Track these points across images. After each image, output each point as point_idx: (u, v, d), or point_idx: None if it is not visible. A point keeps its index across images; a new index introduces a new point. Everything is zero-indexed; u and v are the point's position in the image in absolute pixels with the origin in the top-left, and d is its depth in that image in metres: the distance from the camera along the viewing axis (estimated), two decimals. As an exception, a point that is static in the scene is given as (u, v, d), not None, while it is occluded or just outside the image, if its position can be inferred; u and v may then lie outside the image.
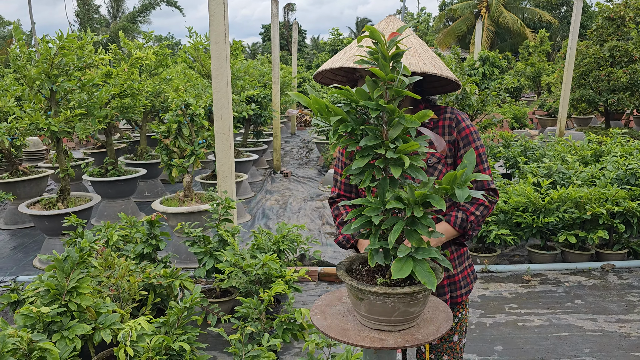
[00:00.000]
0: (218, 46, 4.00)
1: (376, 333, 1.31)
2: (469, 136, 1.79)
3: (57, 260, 2.76)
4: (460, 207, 1.79)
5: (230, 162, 4.29)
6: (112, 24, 27.23)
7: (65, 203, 5.22)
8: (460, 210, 1.77)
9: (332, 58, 1.73)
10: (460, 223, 1.74)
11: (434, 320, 1.37)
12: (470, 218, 1.75)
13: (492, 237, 4.79)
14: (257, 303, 3.22)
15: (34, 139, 9.86)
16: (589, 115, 13.93)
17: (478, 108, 5.79)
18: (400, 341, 1.26)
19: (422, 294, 1.28)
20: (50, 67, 4.63)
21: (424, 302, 1.32)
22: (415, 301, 1.27)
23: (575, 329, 3.77)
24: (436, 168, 1.76)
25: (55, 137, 4.93)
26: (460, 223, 1.74)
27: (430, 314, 1.41)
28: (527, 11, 30.73)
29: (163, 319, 2.81)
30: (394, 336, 1.29)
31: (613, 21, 11.22)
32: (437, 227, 1.74)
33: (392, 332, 1.31)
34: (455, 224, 1.74)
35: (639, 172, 5.15)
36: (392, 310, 1.27)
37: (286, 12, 40.16)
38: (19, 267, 5.18)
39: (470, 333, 3.75)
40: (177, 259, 5.15)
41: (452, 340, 1.92)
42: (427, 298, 1.32)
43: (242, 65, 8.11)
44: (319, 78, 1.83)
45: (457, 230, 1.75)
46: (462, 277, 1.89)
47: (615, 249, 5.02)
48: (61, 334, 2.57)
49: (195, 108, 5.25)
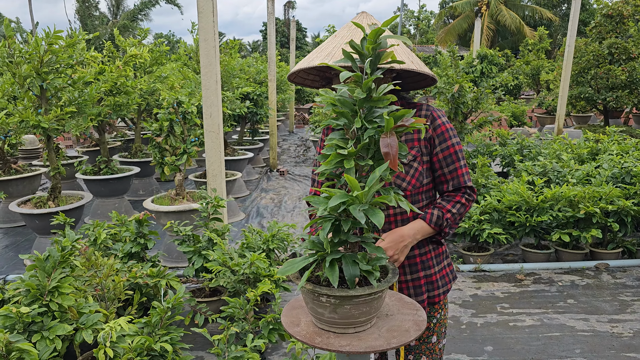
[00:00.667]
0: (207, 43, 3.96)
1: (347, 338, 1.27)
2: (444, 133, 1.75)
3: (38, 260, 2.73)
4: (436, 205, 1.77)
5: (220, 161, 4.25)
6: (111, 23, 27.23)
7: (56, 202, 5.19)
8: (436, 208, 1.75)
9: (308, 57, 1.70)
10: (436, 220, 1.72)
11: (400, 326, 1.34)
12: (446, 215, 1.73)
13: (484, 236, 4.75)
14: (243, 303, 3.19)
15: (30, 137, 9.83)
16: (588, 113, 13.88)
17: (472, 106, 5.74)
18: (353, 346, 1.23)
19: (364, 298, 1.24)
20: (40, 64, 4.60)
21: (371, 304, 1.27)
22: (359, 304, 1.24)
23: (566, 329, 3.73)
24: (412, 166, 1.73)
25: (46, 135, 4.90)
26: (436, 220, 1.72)
27: (399, 316, 1.37)
28: (527, 9, 30.65)
29: (146, 319, 2.78)
30: (342, 339, 1.25)
31: (612, 18, 11.17)
32: (413, 224, 1.72)
33: (345, 335, 1.27)
34: (431, 221, 1.72)
35: (634, 171, 5.11)
36: (331, 311, 1.24)
37: (286, 9, 40.10)
38: (9, 265, 5.15)
39: (460, 333, 3.72)
40: (169, 258, 5.12)
41: (431, 342, 1.89)
42: (375, 301, 1.28)
43: (238, 63, 8.06)
44: (293, 78, 1.80)
45: (433, 228, 1.73)
46: (440, 277, 1.86)
47: (609, 248, 4.98)
48: (41, 335, 2.54)
49: (187, 106, 5.21)
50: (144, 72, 7.46)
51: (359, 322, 1.26)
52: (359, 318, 1.25)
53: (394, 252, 1.65)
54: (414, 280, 1.81)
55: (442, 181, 1.79)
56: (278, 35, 33.32)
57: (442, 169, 1.77)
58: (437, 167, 1.78)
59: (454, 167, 1.77)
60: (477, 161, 5.66)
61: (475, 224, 4.86)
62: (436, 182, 1.82)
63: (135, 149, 7.72)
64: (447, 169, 1.77)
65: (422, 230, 1.71)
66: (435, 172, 1.79)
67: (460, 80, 5.65)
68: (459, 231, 4.94)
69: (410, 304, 1.44)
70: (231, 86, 7.77)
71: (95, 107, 5.21)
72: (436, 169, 1.78)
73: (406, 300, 1.47)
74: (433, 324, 1.88)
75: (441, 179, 1.79)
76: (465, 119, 5.86)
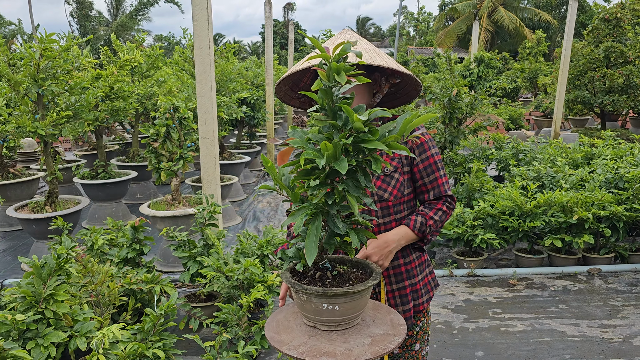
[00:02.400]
0: (202, 51, 4.01)
1: (330, 346, 1.31)
2: (424, 144, 1.82)
3: (35, 267, 2.77)
4: (419, 212, 1.82)
5: (215, 167, 4.30)
6: (113, 24, 27.26)
7: (53, 206, 5.23)
8: (419, 215, 1.80)
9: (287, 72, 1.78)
10: (420, 227, 1.77)
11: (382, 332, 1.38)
12: (429, 222, 1.78)
13: (478, 241, 4.79)
14: (236, 309, 3.23)
15: (28, 140, 9.87)
16: (585, 117, 13.92)
17: (467, 111, 5.79)
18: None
19: (345, 297, 1.30)
20: (36, 70, 4.64)
21: (348, 305, 1.33)
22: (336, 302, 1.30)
23: (557, 334, 3.77)
24: (393, 177, 1.78)
25: (43, 141, 4.94)
26: (420, 227, 1.77)
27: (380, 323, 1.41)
28: (526, 11, 30.72)
29: (139, 325, 2.82)
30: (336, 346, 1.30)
31: (609, 22, 11.21)
32: (397, 230, 1.77)
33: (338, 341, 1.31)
34: (415, 227, 1.77)
35: (626, 177, 5.15)
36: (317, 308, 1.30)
37: (286, 11, 40.17)
38: (7, 270, 5.19)
39: (452, 338, 3.76)
40: (165, 263, 5.16)
41: (414, 349, 1.93)
42: (355, 300, 1.33)
43: (235, 67, 8.11)
44: (281, 95, 1.90)
45: (417, 234, 1.78)
46: (423, 285, 1.91)
47: (602, 253, 5.02)
48: (36, 342, 2.58)
49: (184, 111, 5.25)
50: (141, 77, 7.51)
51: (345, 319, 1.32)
52: (345, 315, 1.32)
53: (378, 257, 1.69)
54: (400, 289, 1.85)
55: (423, 191, 1.85)
56: (277, 37, 33.39)
57: (422, 179, 1.83)
58: (417, 178, 1.84)
59: (434, 176, 1.83)
60: (472, 166, 5.71)
61: (468, 229, 4.90)
62: (417, 192, 1.88)
63: (133, 153, 7.76)
64: (428, 179, 1.83)
65: (406, 236, 1.76)
66: (416, 182, 1.85)
67: (459, 85, 5.69)
68: (453, 236, 4.98)
69: (385, 309, 1.50)
70: (228, 90, 7.81)
71: (92, 112, 5.25)
72: (417, 179, 1.84)
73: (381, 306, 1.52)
74: (416, 332, 1.92)
75: (422, 189, 1.85)
76: (460, 124, 5.90)
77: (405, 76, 1.78)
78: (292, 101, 1.96)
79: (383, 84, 1.81)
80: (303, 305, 1.35)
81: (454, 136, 5.91)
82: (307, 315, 1.36)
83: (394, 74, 1.78)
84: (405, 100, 1.99)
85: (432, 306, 4.28)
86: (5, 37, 25.22)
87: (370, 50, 1.72)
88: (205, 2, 3.92)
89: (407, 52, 29.03)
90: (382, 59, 1.70)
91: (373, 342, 1.32)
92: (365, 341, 1.32)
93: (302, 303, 1.35)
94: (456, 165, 6.25)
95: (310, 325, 1.38)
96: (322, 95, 1.23)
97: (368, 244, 1.70)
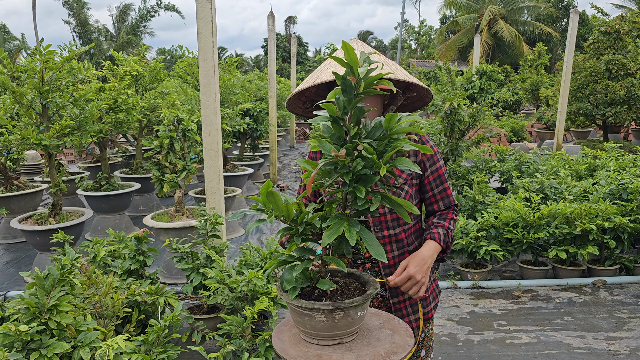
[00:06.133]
0: (206, 63, 4.03)
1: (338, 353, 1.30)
2: (433, 156, 1.86)
3: (38, 278, 2.77)
4: (436, 224, 1.85)
5: (218, 179, 4.30)
6: (118, 39, 27.49)
7: (56, 218, 5.23)
8: (437, 227, 1.84)
9: (300, 85, 1.78)
10: (444, 238, 1.81)
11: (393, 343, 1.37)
12: (449, 233, 1.84)
13: (482, 253, 4.77)
14: (240, 320, 3.21)
15: (32, 152, 9.90)
16: (587, 128, 13.94)
17: (470, 123, 5.79)
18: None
19: (339, 312, 1.29)
20: (40, 82, 4.67)
21: (345, 319, 1.31)
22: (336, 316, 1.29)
23: (563, 347, 3.74)
24: (403, 189, 1.79)
25: (47, 152, 4.96)
26: (444, 238, 1.81)
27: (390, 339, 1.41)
28: (527, 24, 30.90)
29: (143, 337, 2.81)
30: None
31: (609, 35, 11.26)
32: (427, 245, 1.79)
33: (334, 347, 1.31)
34: (440, 239, 1.80)
35: (630, 188, 5.14)
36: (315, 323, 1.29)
37: (287, 25, 40.48)
38: (10, 282, 5.18)
39: (457, 350, 3.73)
40: (169, 274, 5.15)
41: (420, 355, 1.94)
42: (351, 313, 1.32)
43: (238, 80, 8.15)
44: (291, 107, 1.93)
45: (442, 246, 1.81)
46: (429, 292, 1.92)
47: (606, 265, 5.00)
48: (40, 353, 2.57)
49: (187, 123, 5.27)
50: (145, 89, 7.55)
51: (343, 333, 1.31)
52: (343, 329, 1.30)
53: (422, 275, 1.69)
54: (410, 299, 1.85)
55: (433, 202, 1.90)
56: (279, 50, 33.60)
57: (432, 190, 1.88)
58: (427, 189, 1.89)
59: (443, 187, 1.89)
60: (475, 177, 5.71)
61: (472, 241, 4.89)
62: (426, 203, 1.93)
63: (136, 165, 7.78)
64: (437, 190, 1.89)
65: (436, 249, 1.79)
66: (425, 193, 1.90)
67: (452, 97, 5.70)
68: (457, 248, 4.96)
69: None
70: (231, 103, 7.85)
71: (96, 124, 5.28)
72: (427, 191, 1.89)
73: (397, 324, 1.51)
74: (422, 338, 1.94)
75: (432, 200, 1.90)
76: (462, 136, 5.90)
77: (422, 89, 1.81)
78: (296, 109, 1.98)
79: (400, 97, 1.84)
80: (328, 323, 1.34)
81: (454, 149, 5.90)
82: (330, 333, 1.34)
83: (410, 87, 1.81)
84: (410, 110, 2.01)
85: (437, 318, 4.26)
86: (10, 51, 25.45)
87: (388, 63, 1.74)
88: (210, 15, 3.96)
89: (408, 64, 29.19)
90: (404, 74, 1.73)
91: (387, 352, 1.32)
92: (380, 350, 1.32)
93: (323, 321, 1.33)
94: (459, 177, 6.25)
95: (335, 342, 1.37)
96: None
97: (408, 264, 1.70)
